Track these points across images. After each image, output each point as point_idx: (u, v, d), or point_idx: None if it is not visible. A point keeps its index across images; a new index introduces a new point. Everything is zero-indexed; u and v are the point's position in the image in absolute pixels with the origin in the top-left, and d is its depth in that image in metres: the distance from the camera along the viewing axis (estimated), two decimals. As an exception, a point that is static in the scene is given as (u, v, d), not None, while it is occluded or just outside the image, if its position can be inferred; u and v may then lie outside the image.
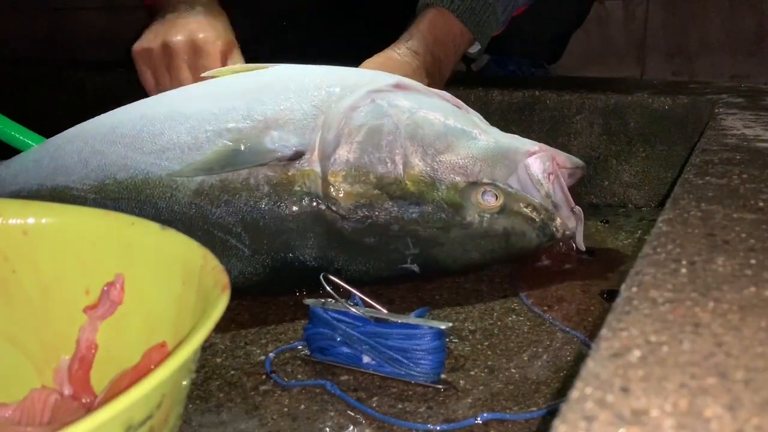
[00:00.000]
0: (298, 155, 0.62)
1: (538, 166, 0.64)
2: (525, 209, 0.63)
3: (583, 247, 0.67)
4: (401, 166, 0.62)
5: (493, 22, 0.86)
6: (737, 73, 1.57)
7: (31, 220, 0.45)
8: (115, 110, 0.69)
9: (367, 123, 0.63)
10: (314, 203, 0.61)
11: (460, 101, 0.71)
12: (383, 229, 0.62)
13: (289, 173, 0.62)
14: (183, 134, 0.63)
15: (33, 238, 0.45)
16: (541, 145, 0.66)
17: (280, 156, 0.61)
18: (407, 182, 0.62)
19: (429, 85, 0.75)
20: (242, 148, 0.62)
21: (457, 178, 0.63)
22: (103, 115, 0.69)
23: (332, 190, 0.61)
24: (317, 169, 0.62)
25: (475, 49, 0.89)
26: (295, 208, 0.61)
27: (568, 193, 0.66)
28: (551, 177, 0.65)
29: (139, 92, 0.77)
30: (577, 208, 0.66)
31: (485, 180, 0.63)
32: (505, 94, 0.91)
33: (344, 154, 0.62)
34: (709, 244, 0.36)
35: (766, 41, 1.55)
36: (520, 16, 0.92)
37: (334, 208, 0.61)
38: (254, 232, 0.62)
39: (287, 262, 0.62)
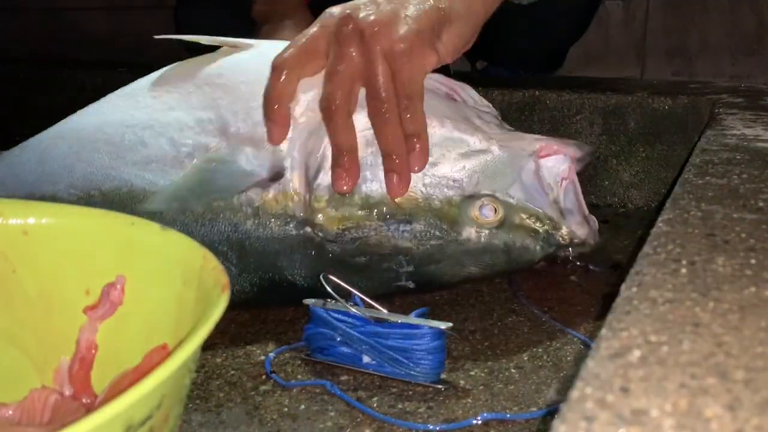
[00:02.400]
0: (277, 176, 0.59)
1: (550, 168, 0.60)
2: (527, 221, 0.59)
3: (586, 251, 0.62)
4: None
5: None
6: (737, 73, 1.57)
7: (31, 220, 0.45)
8: (93, 108, 0.68)
9: None
10: (299, 227, 0.59)
11: (454, 83, 0.65)
12: (374, 249, 0.59)
13: (270, 195, 0.59)
14: (165, 146, 0.62)
15: (33, 238, 0.45)
16: (546, 139, 0.62)
17: (257, 180, 0.59)
18: (396, 200, 0.59)
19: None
20: (216, 175, 0.59)
21: (451, 193, 0.59)
22: (83, 115, 0.68)
23: (317, 216, 0.58)
24: (300, 190, 0.59)
25: None
26: (279, 231, 0.59)
27: (582, 200, 0.61)
28: (564, 183, 0.61)
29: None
30: (592, 217, 0.62)
31: (483, 192, 0.59)
32: (505, 94, 0.91)
33: (327, 178, 0.58)
34: (709, 244, 0.36)
35: (766, 41, 1.55)
36: (517, 28, 0.90)
37: (321, 234, 0.58)
38: (240, 252, 0.59)
39: (276, 282, 0.60)
